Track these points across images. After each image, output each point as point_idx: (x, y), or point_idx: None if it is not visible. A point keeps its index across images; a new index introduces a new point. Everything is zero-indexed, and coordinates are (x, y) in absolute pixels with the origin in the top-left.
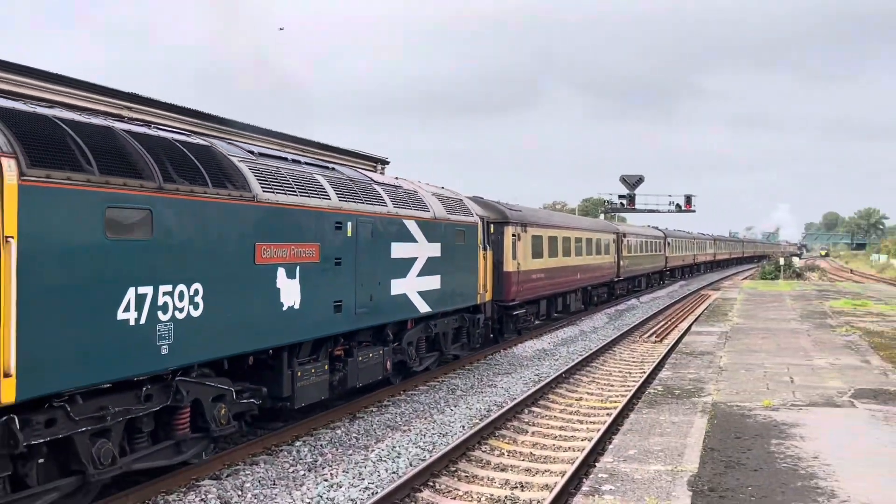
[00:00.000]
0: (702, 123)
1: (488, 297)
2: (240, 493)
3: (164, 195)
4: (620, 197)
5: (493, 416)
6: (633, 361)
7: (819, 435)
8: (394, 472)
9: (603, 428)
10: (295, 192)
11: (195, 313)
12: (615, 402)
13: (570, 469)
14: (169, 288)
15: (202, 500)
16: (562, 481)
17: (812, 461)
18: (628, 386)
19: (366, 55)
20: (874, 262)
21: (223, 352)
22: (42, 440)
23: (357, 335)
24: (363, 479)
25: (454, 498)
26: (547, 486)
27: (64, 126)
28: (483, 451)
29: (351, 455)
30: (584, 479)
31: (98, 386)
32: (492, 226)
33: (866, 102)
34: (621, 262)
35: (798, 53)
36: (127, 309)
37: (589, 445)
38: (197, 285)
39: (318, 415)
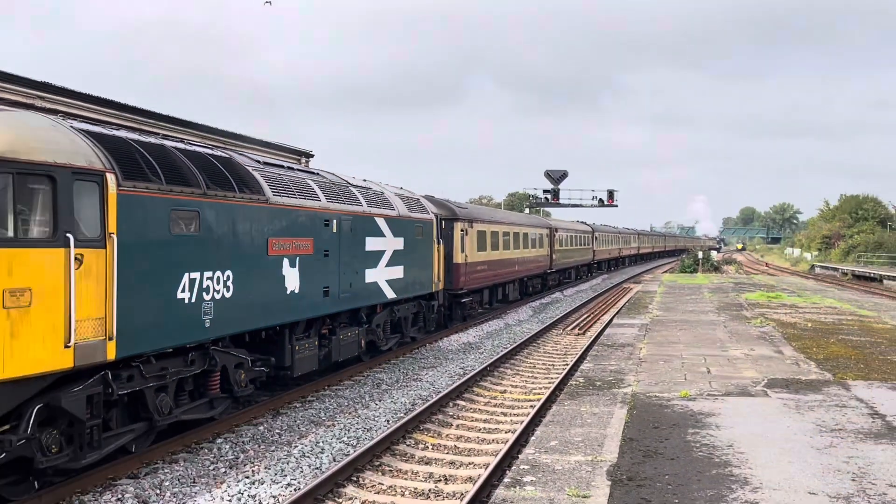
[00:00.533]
0: (623, 120)
1: (441, 286)
2: (158, 491)
3: (206, 199)
4: (545, 192)
5: (418, 409)
6: (557, 354)
7: (734, 424)
8: (317, 468)
9: (526, 420)
10: (295, 195)
11: (227, 294)
12: (539, 394)
13: (494, 461)
14: (210, 274)
15: (118, 499)
16: (485, 473)
17: (727, 449)
18: (552, 378)
19: (288, 48)
20: (788, 256)
21: (245, 327)
22: (125, 391)
23: (339, 317)
24: (285, 476)
25: (378, 492)
26: (471, 478)
27: (137, 146)
28: (407, 445)
29: (273, 451)
30: (508, 471)
31: (163, 350)
32: (443, 222)
33: (776, 102)
34: (553, 256)
35: (711, 53)
36: (183, 290)
37: (512, 438)
38: (228, 272)
39: (243, 410)
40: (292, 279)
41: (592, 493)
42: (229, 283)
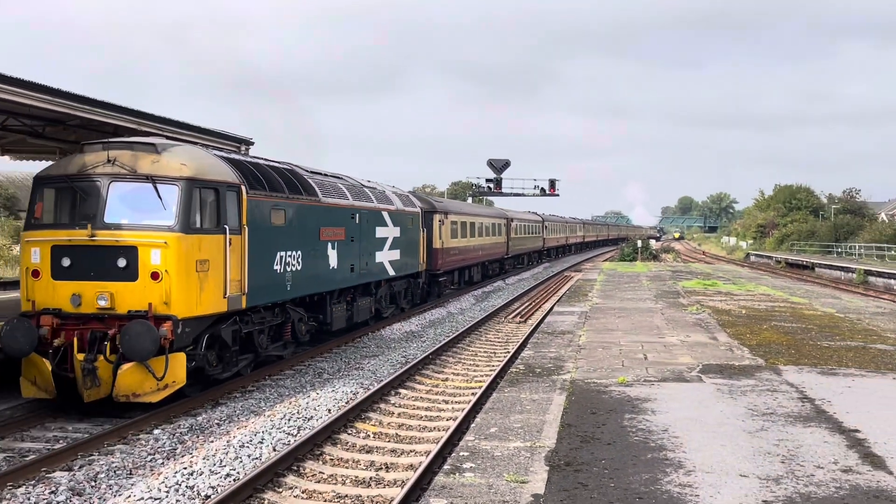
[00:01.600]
0: (563, 109)
1: (424, 267)
2: (93, 483)
3: (288, 201)
4: (488, 181)
5: (360, 398)
6: (499, 342)
7: (669, 409)
8: (257, 458)
9: (467, 407)
10: (334, 195)
11: (298, 268)
12: (480, 381)
13: (435, 449)
14: (290, 253)
15: (52, 492)
16: (426, 461)
17: (662, 434)
18: (493, 366)
19: (225, 32)
20: (724, 244)
21: (307, 291)
22: (246, 331)
23: (358, 288)
24: (224, 466)
25: (319, 481)
26: (412, 466)
27: (252, 167)
28: (349, 434)
29: (212, 442)
30: (448, 458)
31: (266, 304)
32: (425, 214)
33: (712, 92)
34: (510, 243)
35: (648, 42)
36: (277, 263)
37: (453, 425)
38: (300, 251)
39: (181, 402)
40: (333, 258)
41: (531, 479)
42: (300, 260)
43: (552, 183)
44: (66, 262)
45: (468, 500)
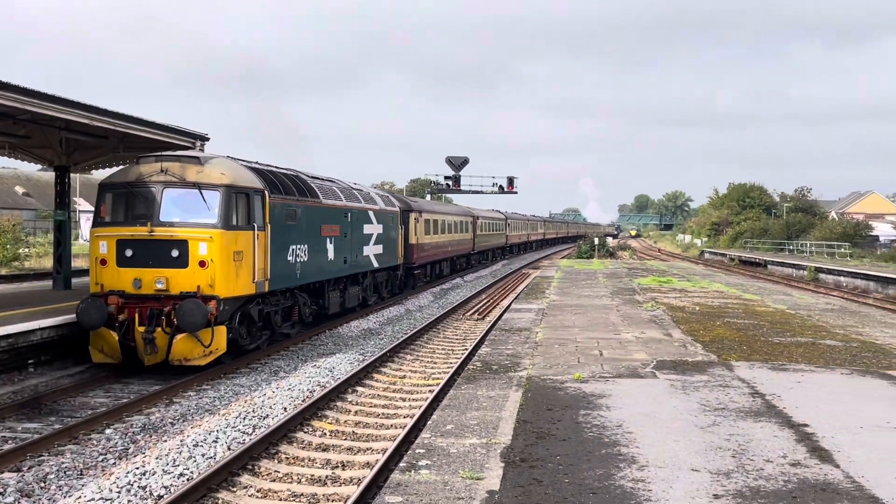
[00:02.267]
0: (522, 107)
1: (401, 260)
2: (43, 484)
3: (298, 203)
4: (446, 178)
5: (316, 396)
6: (456, 339)
7: (624, 405)
8: (211, 458)
9: (424, 405)
10: (331, 197)
11: (305, 259)
12: (438, 379)
13: (392, 446)
14: (300, 246)
15: (0, 493)
16: (382, 459)
17: (616, 430)
18: (451, 363)
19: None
20: (680, 242)
21: (312, 279)
22: (267, 311)
23: (349, 278)
24: (178, 466)
25: (274, 480)
26: (368, 464)
27: (271, 174)
28: (305, 433)
29: (165, 441)
30: (405, 456)
31: (281, 289)
32: (403, 212)
33: (667, 91)
34: (476, 240)
35: (605, 42)
36: (290, 255)
37: (410, 422)
38: (306, 245)
39: (134, 399)
40: (331, 251)
41: (486, 475)
42: (306, 252)
43: (510, 180)
44: (128, 252)
45: (423, 497)
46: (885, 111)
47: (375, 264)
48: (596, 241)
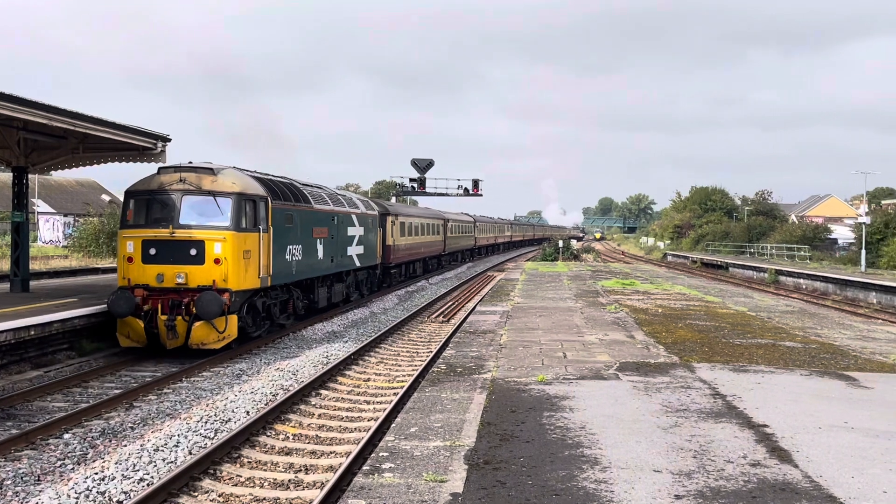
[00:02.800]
0: (486, 111)
1: (379, 260)
2: None
3: (294, 207)
4: (412, 180)
5: (279, 399)
6: (421, 341)
7: (587, 406)
8: (172, 462)
9: (389, 407)
10: (321, 202)
11: (299, 258)
12: (402, 381)
13: (356, 449)
14: (295, 247)
15: None
16: (346, 462)
17: (579, 431)
18: (415, 365)
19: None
20: (643, 245)
21: (304, 276)
22: (269, 303)
23: (335, 276)
24: (138, 471)
25: (236, 484)
26: (332, 467)
27: (272, 184)
28: (268, 437)
29: (125, 446)
30: (368, 459)
31: (280, 284)
32: (381, 216)
33: (629, 96)
34: (447, 241)
35: (567, 47)
36: (288, 254)
37: (374, 425)
38: (300, 246)
39: (93, 403)
40: (320, 251)
41: (450, 478)
42: (301, 252)
43: (475, 183)
44: (152, 251)
45: (387, 500)
46: (840, 116)
47: (357, 263)
48: (560, 243)
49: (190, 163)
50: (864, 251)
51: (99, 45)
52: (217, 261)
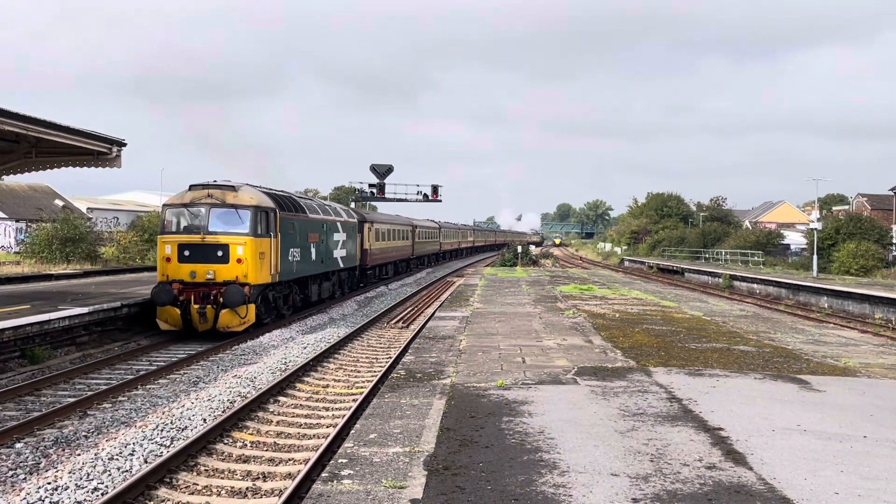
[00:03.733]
0: (443, 117)
1: (358, 263)
2: None
3: (295, 217)
4: (371, 186)
5: (237, 407)
6: (381, 347)
7: (545, 411)
8: (127, 471)
9: (348, 414)
10: (314, 212)
11: (298, 259)
12: (361, 387)
13: (314, 456)
14: (295, 249)
15: None
16: (305, 469)
17: (538, 436)
18: (375, 371)
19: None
20: (600, 250)
21: (301, 275)
22: (276, 296)
23: (323, 275)
24: (92, 480)
25: (193, 493)
26: (290, 474)
27: (279, 198)
28: (225, 444)
29: (79, 455)
30: (327, 466)
31: (283, 281)
32: (359, 223)
33: (585, 103)
34: (415, 246)
35: (520, 55)
36: (290, 256)
37: (333, 432)
38: (299, 249)
39: (46, 412)
40: (313, 254)
41: (409, 484)
42: (299, 254)
43: (435, 189)
44: (186, 252)
45: None
46: (790, 124)
47: (341, 265)
48: (519, 249)
49: (214, 181)
50: (815, 256)
51: (46, 47)
52: (239, 260)
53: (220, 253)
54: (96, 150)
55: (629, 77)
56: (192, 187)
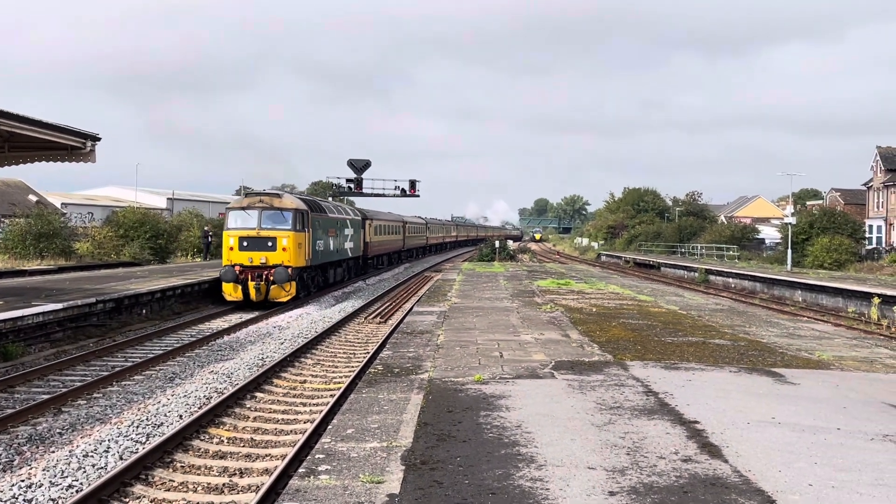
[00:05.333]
0: (419, 112)
1: (361, 254)
2: None
3: (319, 216)
4: (348, 181)
5: (214, 403)
6: (358, 342)
7: (523, 405)
8: (102, 468)
9: (325, 409)
10: (331, 212)
11: (322, 249)
12: (339, 383)
13: (291, 452)
14: (320, 241)
15: None
16: (282, 465)
17: (515, 430)
18: (352, 367)
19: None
20: (577, 245)
21: (323, 261)
22: (305, 276)
23: (337, 262)
24: (66, 477)
25: (168, 490)
26: (267, 470)
27: (308, 202)
28: (202, 440)
29: (53, 452)
30: (304, 461)
31: (312, 265)
32: (362, 220)
33: (559, 99)
34: (405, 240)
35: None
36: (317, 246)
37: (311, 427)
38: (322, 241)
39: (20, 409)
40: (332, 245)
41: (386, 479)
42: (322, 245)
43: (412, 183)
44: (245, 243)
45: (322, 502)
46: (761, 120)
47: (350, 255)
48: (497, 244)
49: (264, 190)
50: (790, 251)
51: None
52: (284, 249)
53: (270, 243)
54: (70, 145)
55: (602, 73)
56: (247, 195)
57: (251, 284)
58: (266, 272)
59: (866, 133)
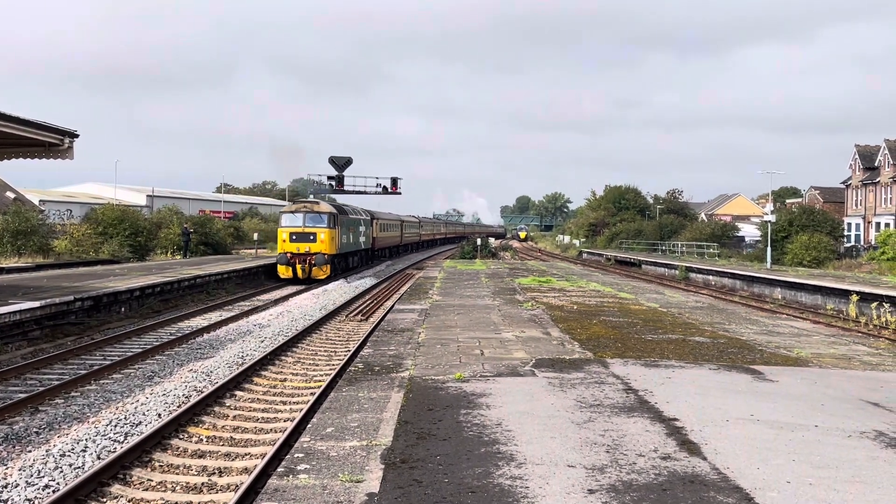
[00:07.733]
0: (399, 110)
1: (370, 246)
2: None
3: (343, 216)
4: (330, 178)
5: (193, 401)
6: (339, 340)
7: (503, 403)
8: (79, 468)
9: (305, 408)
10: (351, 213)
11: (345, 242)
12: (319, 381)
13: (271, 451)
14: (344, 236)
15: None
16: (261, 464)
17: (496, 428)
18: (333, 365)
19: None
20: (559, 243)
21: (345, 251)
22: (335, 261)
23: (354, 252)
24: (42, 477)
25: (147, 489)
26: (247, 469)
27: (336, 207)
28: (181, 439)
29: (30, 452)
30: (283, 460)
31: (340, 254)
32: (371, 219)
33: (538, 97)
34: (402, 236)
35: (474, 48)
36: (342, 240)
37: (291, 426)
38: (345, 236)
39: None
40: (351, 239)
41: (366, 478)
42: (345, 239)
43: (394, 181)
44: (294, 237)
45: (302, 502)
46: (737, 118)
47: (362, 247)
48: (479, 241)
49: (309, 197)
50: (769, 248)
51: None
52: (322, 241)
53: (311, 237)
54: (48, 142)
55: (579, 71)
56: (295, 202)
57: (298, 266)
58: (309, 258)
59: (841, 131)
